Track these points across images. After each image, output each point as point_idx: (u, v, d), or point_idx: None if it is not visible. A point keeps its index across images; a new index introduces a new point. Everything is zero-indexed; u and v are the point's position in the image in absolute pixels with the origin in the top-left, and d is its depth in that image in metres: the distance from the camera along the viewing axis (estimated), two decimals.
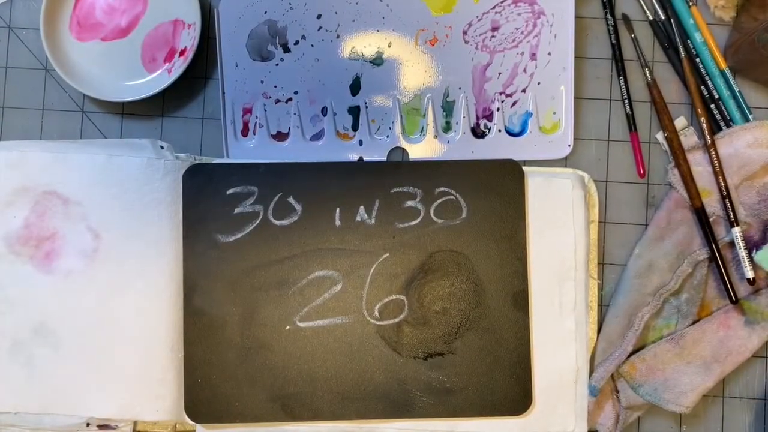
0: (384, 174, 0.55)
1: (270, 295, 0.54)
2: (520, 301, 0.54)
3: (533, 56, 0.57)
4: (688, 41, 0.58)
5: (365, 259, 0.54)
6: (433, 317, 0.54)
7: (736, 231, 0.55)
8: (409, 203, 0.55)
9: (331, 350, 0.54)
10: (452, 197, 0.54)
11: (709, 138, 0.56)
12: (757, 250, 0.54)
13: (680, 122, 0.57)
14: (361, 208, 0.54)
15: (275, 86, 0.57)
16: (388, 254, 0.54)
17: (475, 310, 0.54)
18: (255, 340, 0.54)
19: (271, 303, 0.54)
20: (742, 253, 0.54)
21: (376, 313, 0.54)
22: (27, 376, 0.53)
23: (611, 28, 0.58)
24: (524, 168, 0.56)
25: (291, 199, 0.54)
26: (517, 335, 0.54)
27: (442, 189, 0.55)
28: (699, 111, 0.56)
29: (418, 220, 0.54)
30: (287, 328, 0.54)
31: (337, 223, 0.54)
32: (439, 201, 0.55)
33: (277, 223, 0.54)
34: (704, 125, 0.56)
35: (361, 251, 0.54)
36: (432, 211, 0.54)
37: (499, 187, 0.55)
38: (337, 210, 0.54)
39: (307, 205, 0.54)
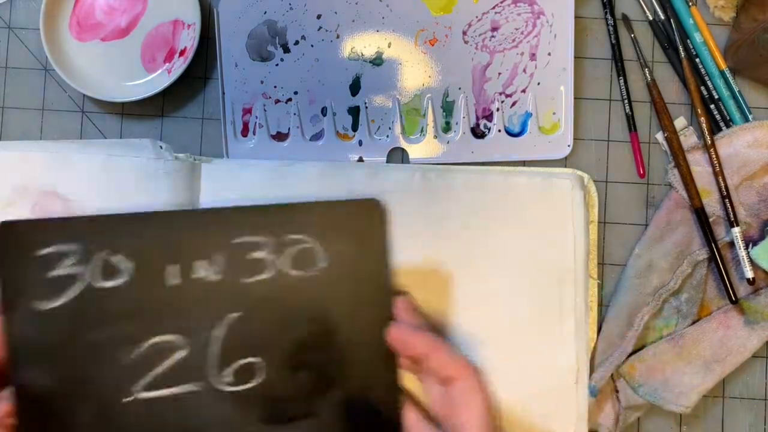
0: (225, 222, 0.47)
1: (104, 365, 0.46)
2: (387, 351, 0.47)
3: (533, 56, 0.57)
4: (688, 41, 0.58)
5: (211, 319, 0.46)
6: (293, 377, 0.47)
7: (736, 231, 0.55)
8: (257, 254, 0.47)
9: (179, 425, 0.46)
10: (307, 245, 0.48)
11: (708, 138, 0.56)
12: (753, 246, 0.54)
13: (680, 122, 0.57)
14: (202, 262, 0.47)
15: (275, 86, 0.57)
16: (237, 313, 0.47)
17: (339, 365, 0.47)
18: (89, 416, 0.46)
19: (106, 374, 0.46)
20: (742, 253, 0.54)
21: (229, 377, 0.47)
22: None
23: (611, 28, 0.58)
24: (523, 168, 0.56)
25: (119, 257, 0.46)
26: (385, 388, 0.47)
27: (296, 236, 0.47)
28: (699, 111, 0.56)
29: (271, 273, 0.47)
30: (125, 400, 0.46)
31: (175, 281, 0.47)
32: (291, 249, 0.47)
33: (105, 284, 0.46)
34: (704, 125, 0.56)
35: (207, 310, 0.47)
36: (285, 262, 0.47)
37: (360, 228, 0.48)
38: (173, 266, 0.47)
39: (139, 262, 0.46)
